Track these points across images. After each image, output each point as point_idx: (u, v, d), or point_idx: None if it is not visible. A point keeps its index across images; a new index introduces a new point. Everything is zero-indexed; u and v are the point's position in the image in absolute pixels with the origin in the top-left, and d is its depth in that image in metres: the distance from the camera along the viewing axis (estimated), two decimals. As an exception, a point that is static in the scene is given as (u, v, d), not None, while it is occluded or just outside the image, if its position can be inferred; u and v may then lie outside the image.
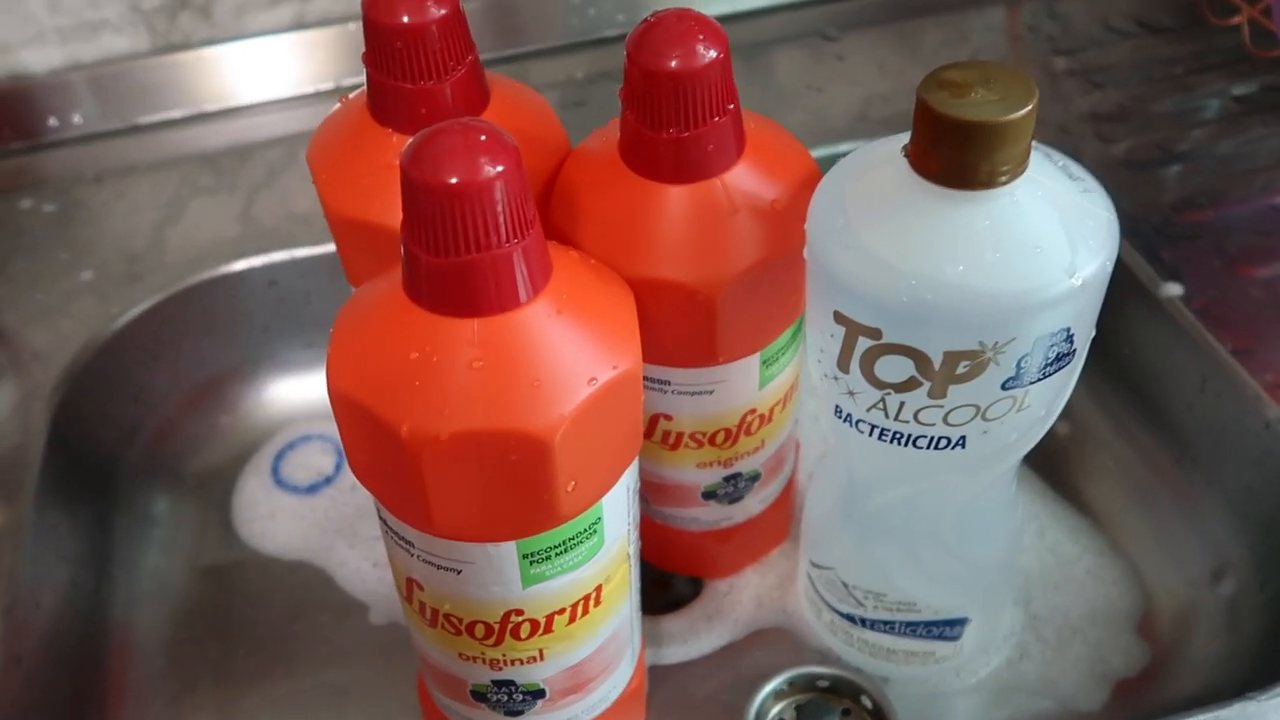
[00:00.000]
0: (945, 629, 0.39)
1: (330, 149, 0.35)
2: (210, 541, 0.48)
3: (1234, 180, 0.52)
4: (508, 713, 0.35)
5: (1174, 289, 0.46)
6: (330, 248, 0.51)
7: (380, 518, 0.31)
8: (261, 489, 0.50)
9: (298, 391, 0.53)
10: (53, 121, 0.58)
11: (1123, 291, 0.47)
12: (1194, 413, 0.45)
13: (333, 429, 0.52)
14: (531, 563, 0.30)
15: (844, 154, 0.56)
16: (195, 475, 0.50)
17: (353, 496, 0.50)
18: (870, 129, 0.56)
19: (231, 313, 0.51)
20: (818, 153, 0.35)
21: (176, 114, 0.59)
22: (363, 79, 0.34)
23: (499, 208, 0.25)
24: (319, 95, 0.60)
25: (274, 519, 0.49)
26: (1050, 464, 0.48)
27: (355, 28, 0.59)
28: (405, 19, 0.31)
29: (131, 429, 0.50)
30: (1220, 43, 0.59)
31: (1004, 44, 0.62)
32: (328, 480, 0.50)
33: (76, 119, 0.58)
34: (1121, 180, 0.52)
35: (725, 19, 0.64)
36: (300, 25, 0.59)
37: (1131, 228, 0.49)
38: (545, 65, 0.61)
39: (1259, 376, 0.42)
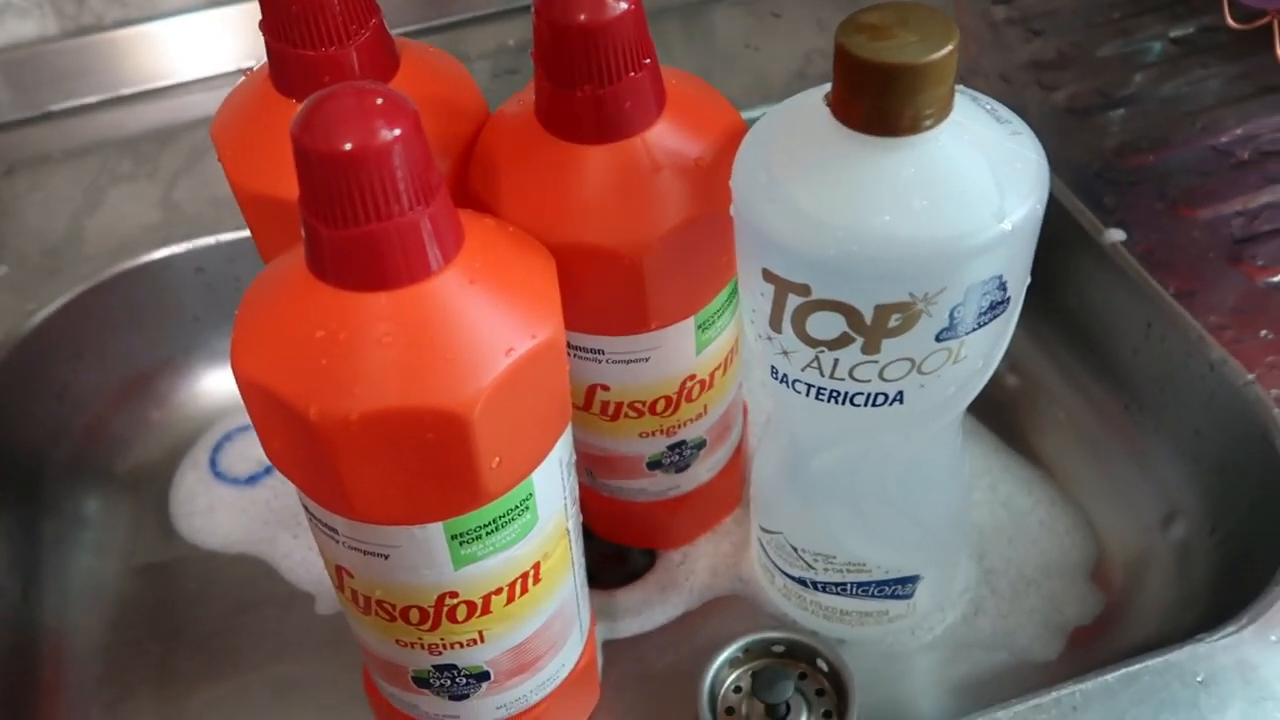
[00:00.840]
0: (897, 588, 0.39)
1: (234, 124, 0.33)
2: (146, 540, 0.47)
3: (1175, 123, 0.51)
4: (452, 697, 0.34)
5: (1117, 235, 0.46)
6: (256, 231, 0.49)
7: (304, 506, 0.30)
8: (199, 482, 0.49)
9: (232, 381, 0.51)
10: (-40, 112, 0.55)
11: (1067, 240, 0.47)
12: (1140, 358, 0.45)
13: (271, 418, 0.51)
14: (461, 543, 0.29)
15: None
16: (128, 473, 0.49)
17: (292, 486, 0.48)
18: (808, 86, 0.54)
19: (158, 303, 0.50)
20: (756, 111, 0.34)
21: (91, 99, 0.56)
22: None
23: (398, 173, 0.24)
24: (241, 73, 0.57)
25: (213, 512, 0.47)
26: (1000, 417, 0.48)
27: (275, 1, 0.57)
28: (300, -20, 0.29)
29: (57, 428, 0.48)
30: (1157, -15, 0.59)
31: (942, -6, 0.61)
32: (268, 470, 0.49)
33: (-15, 108, 0.55)
34: (1064, 127, 0.52)
35: (660, -20, 0.62)
36: (218, 2, 0.57)
37: (1074, 175, 0.48)
38: (478, 33, 0.60)
39: (1202, 318, 0.42)
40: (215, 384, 0.51)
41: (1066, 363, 0.49)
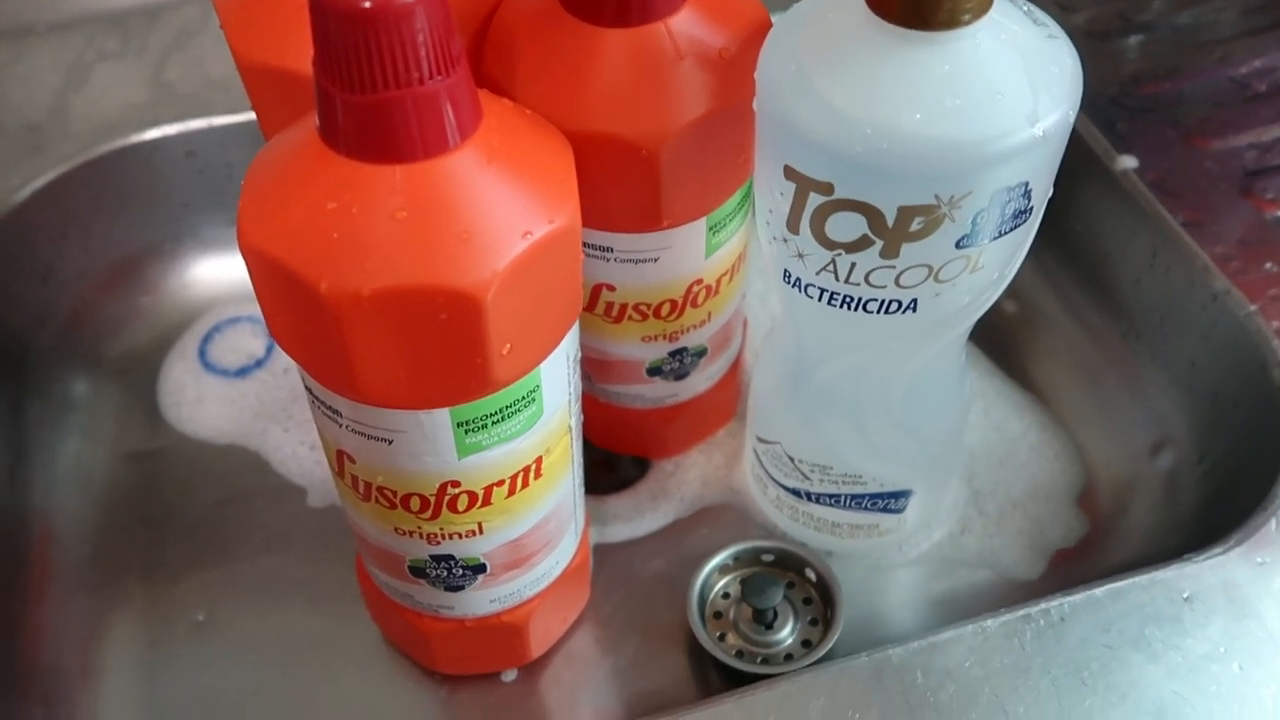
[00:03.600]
0: (890, 501, 0.39)
1: (238, -10, 0.32)
2: (134, 426, 0.46)
3: (1192, 52, 0.50)
4: (448, 588, 0.34)
5: (1129, 162, 0.45)
6: (254, 115, 0.48)
7: (306, 386, 0.30)
8: (188, 372, 0.48)
9: (223, 271, 0.50)
10: (-63, -23, 0.52)
11: (1078, 165, 0.46)
12: (1142, 287, 0.45)
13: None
14: (466, 431, 0.28)
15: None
16: (115, 359, 0.48)
17: (286, 380, 0.48)
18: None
19: (147, 186, 0.48)
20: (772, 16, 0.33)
21: (77, -31, 0.54)
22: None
23: (420, 38, 0.23)
24: (234, -48, 0.55)
25: (202, 403, 0.47)
26: (997, 342, 0.48)
27: (271, -124, 0.54)
28: None
29: (43, 311, 0.47)
30: (1185, -90, 0.57)
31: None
32: (259, 363, 0.48)
33: (-37, -26, 0.53)
34: (1081, 50, 0.50)
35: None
36: (210, -128, 0.54)
37: (1089, 100, 0.47)
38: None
39: (1209, 249, 0.42)
40: (206, 273, 0.50)
41: (1067, 289, 0.48)
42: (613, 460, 0.45)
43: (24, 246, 0.46)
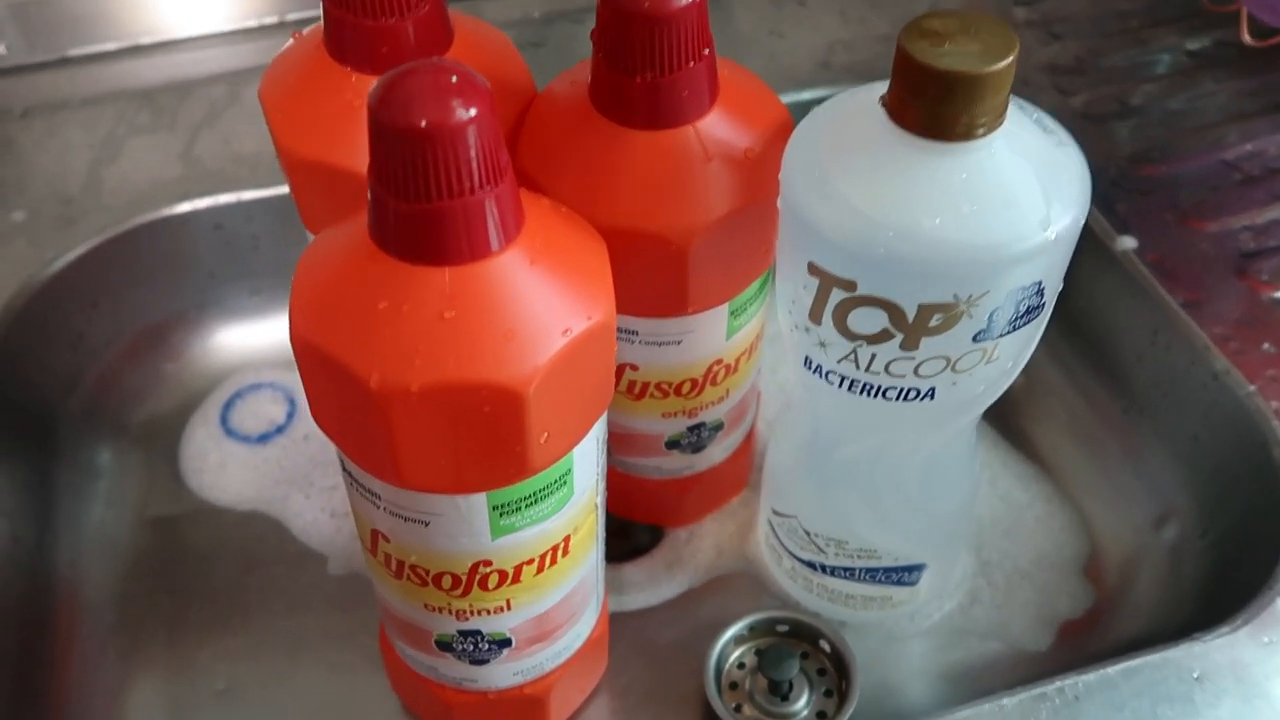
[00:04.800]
0: (904, 574, 0.40)
1: (285, 87, 0.33)
2: (158, 493, 0.47)
3: (1186, 135, 0.52)
4: (473, 661, 0.35)
5: (1129, 243, 0.47)
6: (279, 190, 0.49)
7: (344, 469, 0.31)
8: (210, 439, 0.49)
9: (246, 339, 0.51)
10: (-25, 51, 0.54)
11: (1080, 245, 0.48)
12: (1144, 364, 0.46)
13: (283, 378, 0.51)
14: (501, 514, 0.29)
15: (806, 102, 0.56)
16: (140, 425, 0.49)
17: (306, 446, 0.48)
18: (833, 77, 0.55)
19: (175, 257, 0.49)
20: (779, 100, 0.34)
21: (109, 46, 0.56)
22: (309, 13, 0.32)
23: (472, 152, 0.24)
24: (262, 29, 0.57)
25: (224, 469, 0.48)
26: (1003, 413, 0.49)
27: (300, -42, 0.56)
28: (366, -50, 0.29)
29: (71, 378, 0.48)
30: (1175, -4, 0.60)
31: (965, -7, 0.61)
32: (279, 429, 0.49)
33: (1, 49, 0.54)
34: (1079, 133, 0.52)
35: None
36: (241, -46, 0.56)
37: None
38: (501, 4, 0.60)
39: (1208, 329, 0.43)
40: (228, 340, 0.52)
41: (1070, 364, 0.50)
42: (627, 527, 0.46)
43: (56, 315, 0.47)
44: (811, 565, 0.41)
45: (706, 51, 0.30)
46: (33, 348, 0.46)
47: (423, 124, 0.24)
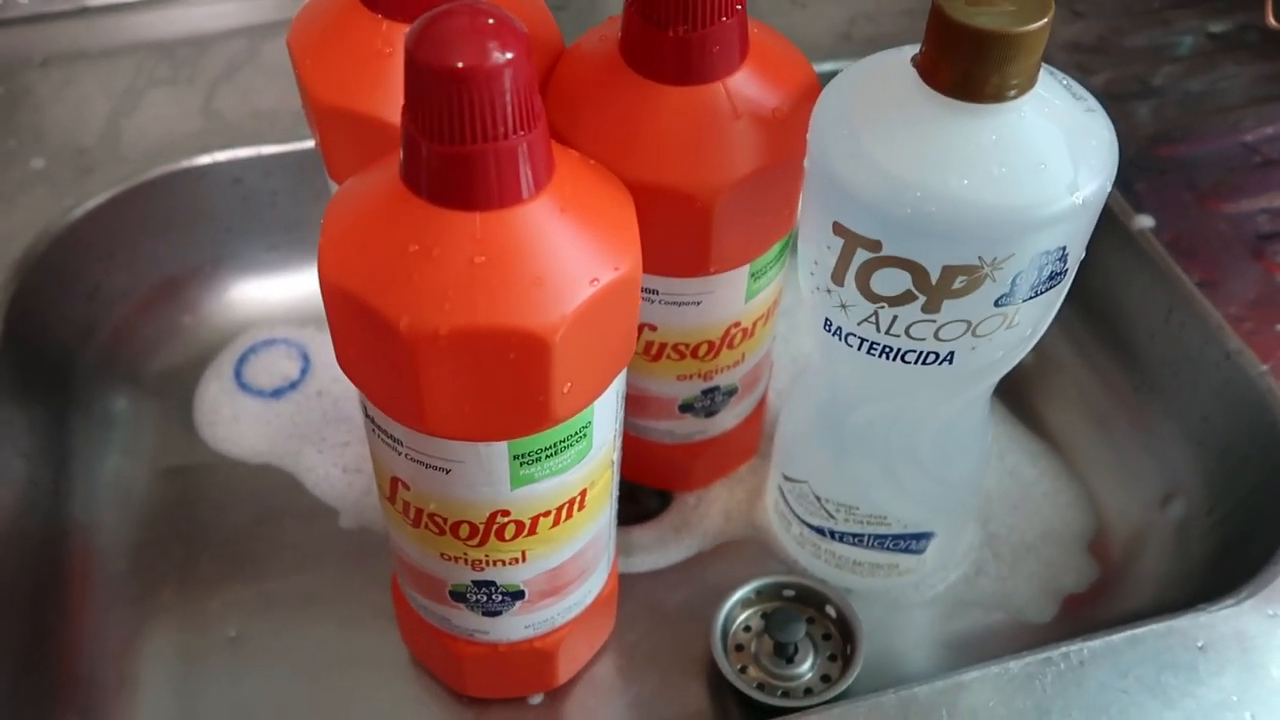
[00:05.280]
0: (912, 542, 0.40)
1: (314, 35, 0.33)
2: (172, 443, 0.47)
3: (1206, 117, 0.52)
4: (485, 613, 0.35)
5: (1146, 221, 0.47)
6: (298, 146, 0.49)
7: (366, 414, 0.31)
8: (224, 392, 0.49)
9: (261, 294, 0.52)
10: (-5, -1, 0.54)
11: (1098, 222, 0.48)
12: (1157, 342, 0.46)
13: (298, 334, 0.51)
14: (522, 464, 0.30)
15: (827, 74, 0.55)
16: (155, 376, 0.49)
17: (319, 402, 0.49)
18: (854, 49, 0.55)
19: (193, 210, 0.50)
20: None
21: (129, -2, 0.55)
22: (340, -35, 0.32)
23: (508, 96, 0.24)
24: (281, -15, 0.57)
25: (237, 422, 0.48)
26: (1014, 389, 0.49)
27: (323, -86, 0.56)
28: (400, -105, 0.29)
29: (88, 327, 0.48)
30: (1199, -22, 0.59)
31: (988, -31, 0.61)
32: (293, 385, 0.49)
33: (22, -2, 0.54)
34: None
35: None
36: (263, -92, 0.56)
37: (1106, 160, 0.50)
38: (522, -34, 0.59)
39: (1222, 308, 0.43)
40: (244, 295, 0.52)
41: (1083, 341, 0.50)
42: (635, 491, 0.47)
43: (73, 265, 0.47)
44: (820, 531, 0.41)
45: (740, 7, 0.30)
46: (50, 295, 0.46)
47: (460, 65, 0.24)
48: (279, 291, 0.52)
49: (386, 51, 0.31)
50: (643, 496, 0.47)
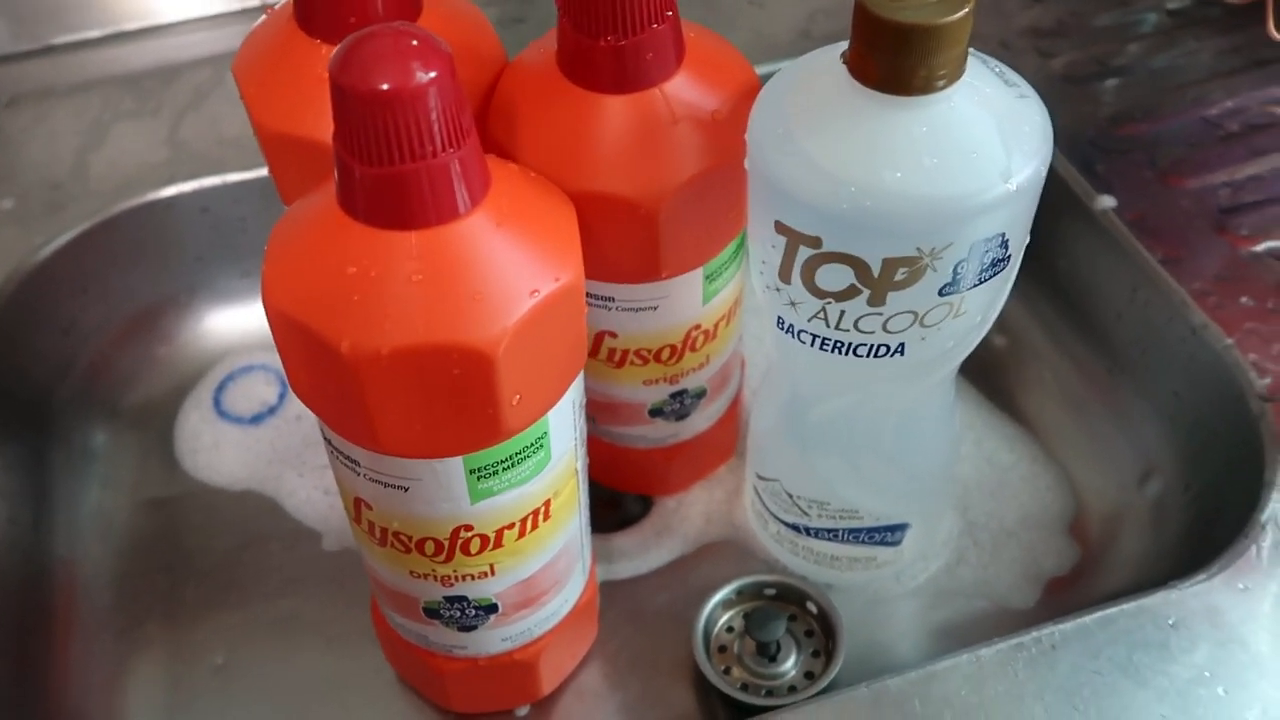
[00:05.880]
0: (887, 534, 0.40)
1: (257, 62, 0.34)
2: (152, 474, 0.48)
3: (1167, 94, 0.52)
4: (461, 628, 0.35)
5: (1108, 201, 0.47)
6: (264, 172, 0.50)
7: (325, 438, 0.31)
8: (203, 420, 0.49)
9: (236, 321, 0.52)
10: (-40, 43, 0.55)
11: (1059, 205, 0.48)
12: (1124, 321, 0.46)
13: (275, 359, 0.51)
14: (479, 478, 0.30)
15: (786, 71, 0.55)
16: (133, 408, 0.49)
17: (299, 426, 0.49)
18: (814, 46, 0.54)
19: (163, 241, 0.50)
20: (760, 69, 0.34)
21: (94, 33, 0.56)
22: (290, -9, 0.32)
23: (433, 115, 0.25)
24: (245, 13, 0.58)
25: (218, 450, 0.48)
26: (987, 375, 0.49)
27: (280, -59, 0.56)
28: (329, -79, 0.30)
29: (65, 363, 0.48)
30: (1155, -46, 0.59)
31: (945, -42, 0.61)
32: (271, 410, 0.50)
33: (-14, 40, 0.55)
34: (1060, 94, 0.53)
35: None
36: (221, -61, 0.56)
37: (1068, 142, 0.50)
38: (482, -19, 0.60)
39: (1186, 284, 0.44)
40: (218, 323, 0.52)
41: (1052, 324, 0.50)
42: (617, 498, 0.47)
43: (46, 301, 0.47)
44: (796, 528, 0.41)
45: (670, 13, 0.31)
46: (25, 334, 0.46)
47: (383, 86, 0.24)
48: (254, 318, 0.52)
49: (326, 76, 0.32)
50: (625, 502, 0.47)
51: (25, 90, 0.54)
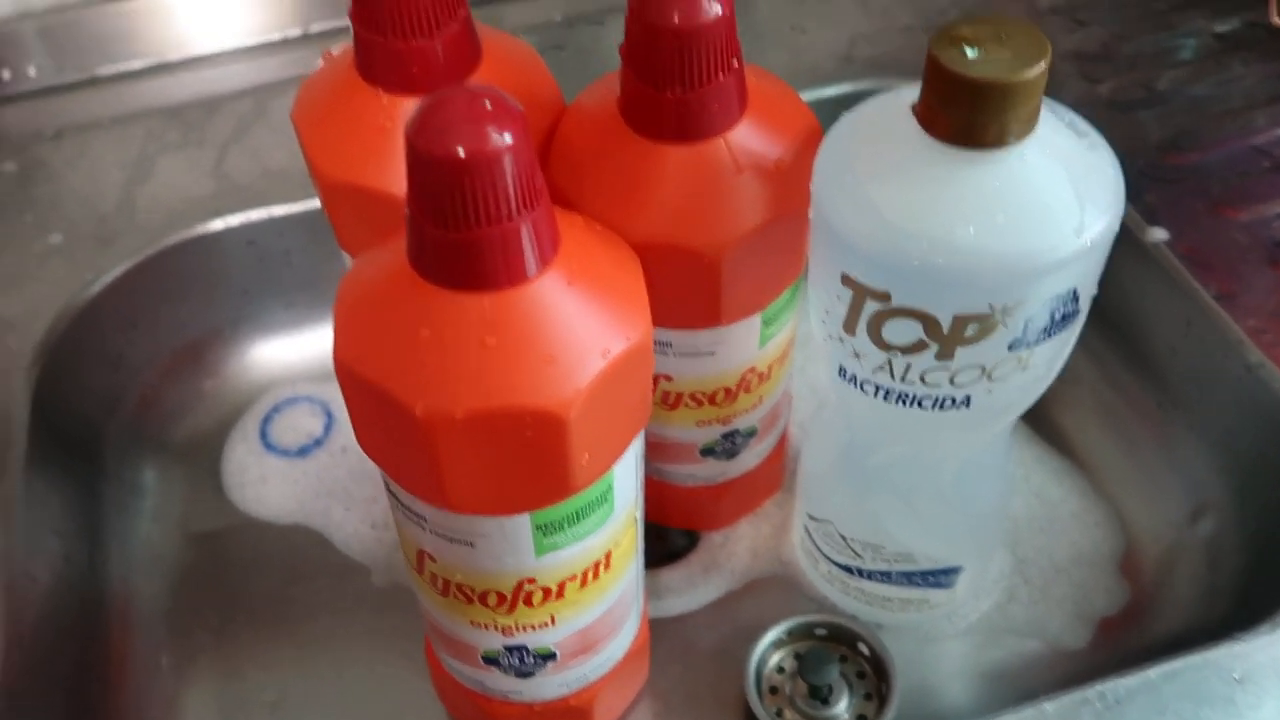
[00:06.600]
0: (940, 577, 0.40)
1: (317, 110, 0.34)
2: (202, 508, 0.48)
3: (1215, 121, 0.52)
4: (519, 675, 0.35)
5: (1160, 234, 0.47)
6: (309, 205, 0.50)
7: (390, 491, 0.31)
8: (250, 453, 0.49)
9: (281, 353, 0.52)
10: (5, 74, 0.55)
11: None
12: (1177, 356, 0.46)
13: (320, 390, 0.51)
14: (545, 533, 0.30)
15: (830, 98, 0.55)
16: (182, 442, 0.50)
17: (344, 459, 0.49)
18: (856, 70, 0.55)
19: (209, 274, 0.50)
20: (803, 96, 0.34)
21: (136, 64, 0.56)
22: (333, 24, 0.32)
23: (508, 179, 0.24)
24: (287, 43, 0.58)
25: (265, 483, 0.48)
26: (1036, 408, 0.48)
27: (322, -29, 0.57)
28: (395, -26, 0.30)
29: (114, 398, 0.49)
30: (1202, -23, 0.59)
31: (987, -18, 0.61)
32: (317, 442, 0.50)
33: (31, 71, 0.55)
34: (1107, 121, 0.51)
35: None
36: (264, -31, 0.56)
37: (1117, 172, 0.49)
38: (522, 8, 0.60)
39: (1242, 321, 0.43)
40: (264, 356, 0.52)
41: (1103, 357, 0.50)
42: (663, 531, 0.47)
43: (96, 336, 0.48)
44: (848, 569, 0.41)
45: (735, 63, 0.30)
46: (75, 370, 0.47)
47: (460, 153, 0.24)
48: (299, 349, 0.52)
49: (388, 125, 0.32)
50: (670, 535, 0.47)
51: (70, 122, 0.54)
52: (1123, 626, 0.43)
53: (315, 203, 0.50)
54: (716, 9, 0.29)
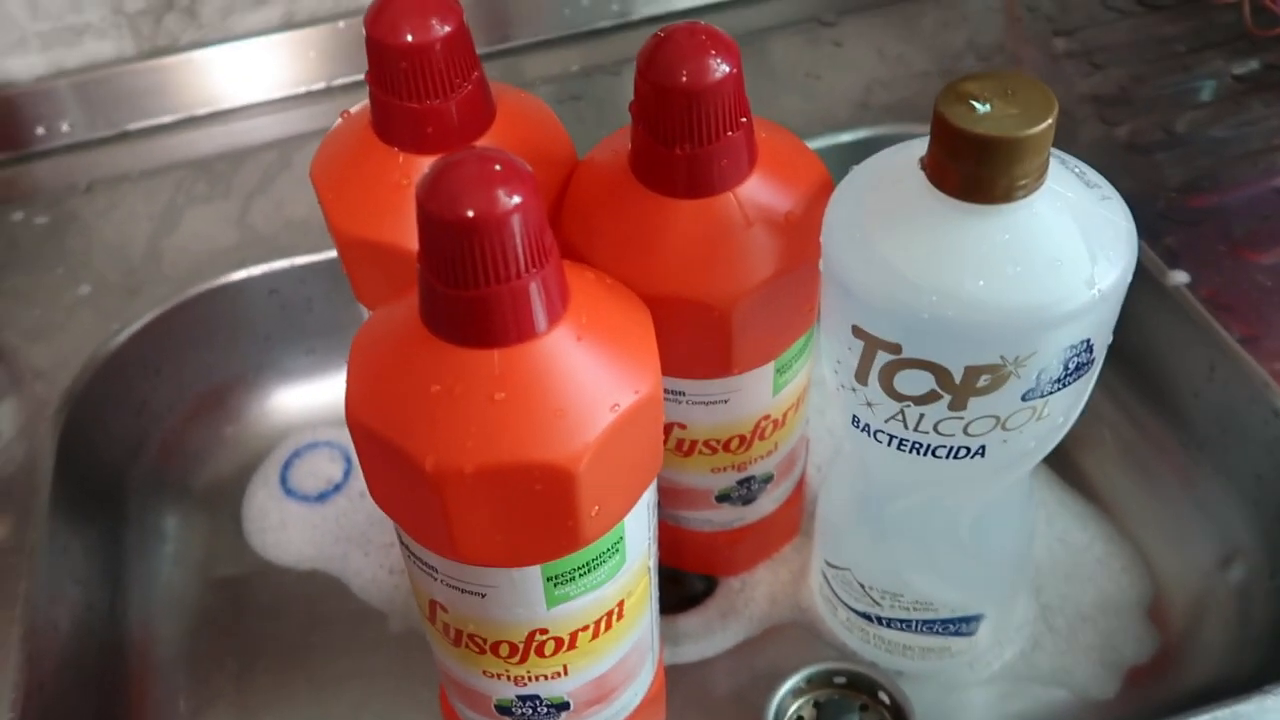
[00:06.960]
0: (961, 625, 0.40)
1: (335, 167, 0.34)
2: (222, 554, 0.48)
3: (1236, 162, 0.52)
4: (532, 725, 0.35)
5: (1181, 277, 0.46)
6: (330, 254, 0.51)
7: (402, 542, 0.31)
8: (271, 499, 0.50)
9: (302, 399, 0.53)
10: (40, 130, 0.57)
11: (1131, 280, 0.47)
12: (1202, 400, 0.45)
13: (339, 435, 0.52)
14: (556, 585, 0.30)
15: (846, 144, 0.56)
16: (203, 488, 0.50)
17: (364, 504, 0.49)
18: (872, 117, 0.55)
19: (232, 322, 0.51)
20: (819, 143, 0.34)
21: (166, 119, 0.58)
22: (355, 77, 0.33)
23: (517, 239, 0.25)
24: (310, 95, 0.59)
25: (285, 529, 0.49)
26: (1057, 451, 0.47)
27: (345, 25, 0.58)
28: (410, 38, 0.30)
29: (137, 444, 0.49)
30: (1219, 20, 0.59)
31: (1003, 25, 0.61)
32: (337, 488, 0.50)
33: (64, 127, 0.57)
34: (1125, 164, 0.52)
35: (720, 6, 0.63)
36: (289, 25, 0.58)
37: (1137, 214, 0.48)
38: (538, 59, 0.61)
39: (1267, 364, 0.42)
40: (284, 402, 0.53)
41: (1126, 401, 0.49)
42: (680, 575, 0.46)
43: (123, 382, 0.48)
44: (867, 617, 0.40)
45: (744, 120, 0.31)
46: (100, 416, 0.47)
47: (469, 215, 0.24)
48: (319, 395, 0.53)
49: (404, 183, 0.32)
50: (687, 580, 0.46)
51: (101, 176, 0.55)
52: (1151, 676, 0.42)
53: (335, 252, 0.51)
54: (724, 68, 0.29)
